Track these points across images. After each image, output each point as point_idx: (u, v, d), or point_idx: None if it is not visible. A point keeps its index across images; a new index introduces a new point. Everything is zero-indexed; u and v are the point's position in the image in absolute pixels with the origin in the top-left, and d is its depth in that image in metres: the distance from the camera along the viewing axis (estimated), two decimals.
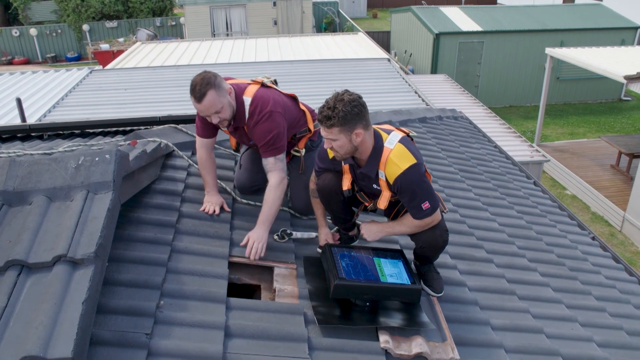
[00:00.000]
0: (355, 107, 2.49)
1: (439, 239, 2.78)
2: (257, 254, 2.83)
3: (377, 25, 32.12)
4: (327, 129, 2.54)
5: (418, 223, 2.72)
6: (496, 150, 6.05)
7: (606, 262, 4.28)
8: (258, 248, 2.83)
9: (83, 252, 1.99)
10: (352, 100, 2.49)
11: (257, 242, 2.84)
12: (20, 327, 1.74)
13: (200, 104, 2.87)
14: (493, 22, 17.96)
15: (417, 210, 2.67)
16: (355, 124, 2.51)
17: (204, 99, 2.84)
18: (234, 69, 11.30)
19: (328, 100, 2.53)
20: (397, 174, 2.59)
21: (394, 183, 2.63)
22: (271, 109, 2.98)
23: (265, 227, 2.91)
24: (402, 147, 2.63)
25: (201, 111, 2.95)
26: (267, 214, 2.94)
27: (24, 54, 26.27)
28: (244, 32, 23.02)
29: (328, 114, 2.49)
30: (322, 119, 2.53)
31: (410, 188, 2.61)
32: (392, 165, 2.61)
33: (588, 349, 3.05)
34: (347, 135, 2.53)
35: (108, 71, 11.88)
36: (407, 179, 2.59)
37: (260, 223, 2.92)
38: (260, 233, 2.88)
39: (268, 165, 3.03)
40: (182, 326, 2.26)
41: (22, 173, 2.31)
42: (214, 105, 2.87)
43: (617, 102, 18.55)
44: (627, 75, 10.11)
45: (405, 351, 2.47)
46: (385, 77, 10.76)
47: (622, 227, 10.50)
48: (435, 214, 2.69)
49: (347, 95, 2.51)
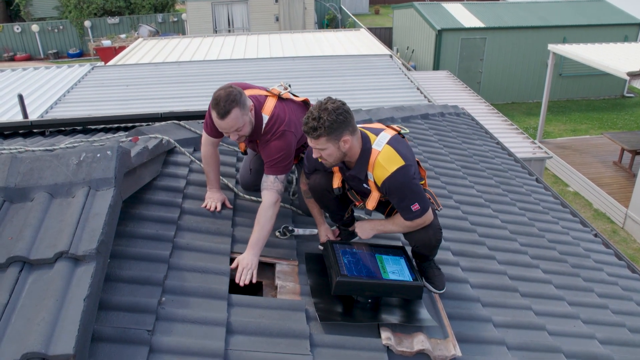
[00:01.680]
0: (341, 115, 2.46)
1: (431, 239, 2.77)
2: (245, 280, 2.69)
3: (379, 21, 32.06)
4: (314, 139, 2.50)
5: (409, 224, 2.71)
6: (498, 147, 6.03)
7: (609, 259, 4.27)
8: (247, 275, 2.70)
9: (85, 248, 1.99)
10: (337, 109, 2.46)
11: (247, 270, 2.70)
12: (21, 324, 1.74)
13: (222, 120, 2.75)
14: (495, 18, 17.92)
15: (407, 212, 2.65)
16: (342, 131, 2.49)
17: (228, 117, 2.73)
18: (235, 66, 11.30)
19: (312, 111, 2.49)
20: (385, 177, 2.58)
21: (382, 185, 2.62)
22: (285, 129, 2.94)
23: (255, 250, 2.77)
24: (390, 149, 2.60)
25: (221, 128, 2.83)
26: (257, 237, 2.80)
27: (26, 50, 26.28)
28: (245, 28, 22.99)
29: (314, 124, 2.45)
30: (308, 131, 2.49)
31: (399, 190, 2.60)
32: (379, 168, 2.59)
33: (590, 346, 3.04)
34: (334, 143, 2.51)
35: (110, 67, 11.89)
36: (395, 181, 2.57)
37: (250, 247, 2.77)
38: (250, 258, 2.73)
39: (267, 182, 2.96)
40: (183, 323, 2.26)
41: (23, 169, 2.31)
42: (236, 124, 2.78)
43: (619, 99, 18.51)
44: (630, 72, 10.08)
45: (407, 348, 2.47)
46: (387, 73, 10.74)
47: (625, 224, 10.48)
48: (426, 215, 2.67)
49: (330, 103, 2.48)
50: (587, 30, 17.31)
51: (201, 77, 10.35)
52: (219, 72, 10.71)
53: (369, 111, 5.50)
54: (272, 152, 2.95)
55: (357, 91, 9.25)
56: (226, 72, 10.62)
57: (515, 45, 17.49)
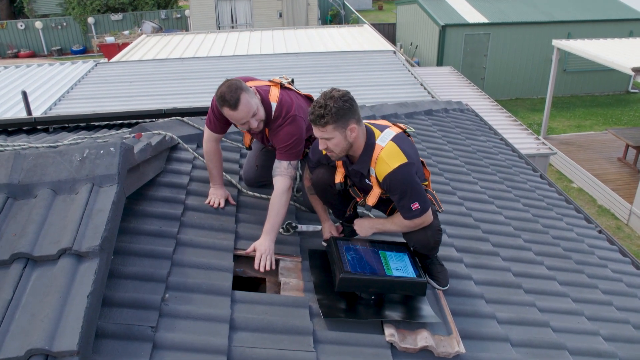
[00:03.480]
0: (347, 102, 2.47)
1: (430, 240, 2.75)
2: (265, 266, 2.73)
3: (383, 17, 31.98)
4: (321, 128, 2.50)
5: (408, 223, 2.69)
6: (502, 143, 6.01)
7: (613, 256, 4.25)
8: (266, 261, 2.74)
9: (88, 245, 1.99)
10: (343, 95, 2.47)
11: (265, 255, 2.74)
12: (25, 320, 1.74)
13: (236, 110, 2.75)
14: (499, 13, 17.84)
15: (406, 211, 2.64)
16: (348, 118, 2.49)
17: (240, 104, 2.73)
18: (239, 62, 11.29)
19: (318, 100, 2.49)
20: (387, 173, 2.57)
21: (383, 181, 2.61)
22: (295, 113, 2.94)
23: (271, 236, 2.80)
24: (394, 146, 2.60)
25: (239, 119, 2.81)
26: (273, 223, 2.83)
27: (30, 47, 26.33)
28: (249, 24, 22.97)
29: (320, 112, 2.45)
30: (314, 119, 2.49)
31: (400, 187, 2.59)
32: (382, 164, 2.59)
33: (594, 342, 3.03)
34: (341, 131, 2.51)
35: (113, 64, 11.90)
36: (396, 178, 2.56)
37: (266, 232, 2.81)
38: (267, 244, 2.77)
39: (280, 168, 2.95)
40: (187, 319, 2.26)
41: (27, 166, 2.31)
42: (250, 108, 2.77)
43: (624, 95, 18.42)
44: (635, 67, 10.03)
45: (411, 344, 2.46)
46: (391, 69, 10.72)
47: (629, 220, 10.44)
48: (425, 215, 2.65)
49: (335, 91, 2.48)
50: (592, 25, 17.20)
51: (204, 74, 10.35)
52: (222, 68, 10.71)
53: (373, 107, 5.49)
54: (284, 138, 2.94)
55: (360, 87, 9.22)
56: (229, 68, 10.61)
57: (519, 40, 17.41)
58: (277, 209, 2.86)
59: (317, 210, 3.13)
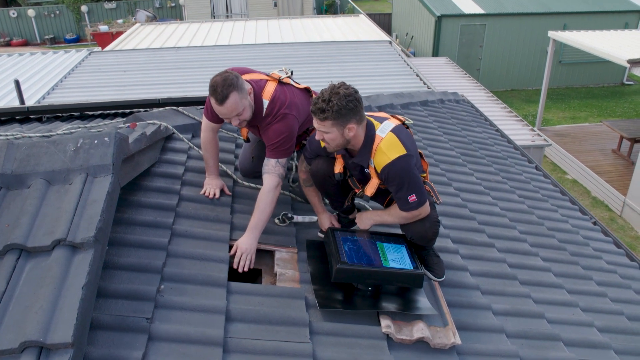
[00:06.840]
0: (351, 102, 2.45)
1: (428, 231, 2.75)
2: (244, 266, 2.70)
3: (379, 7, 31.82)
4: (320, 121, 2.50)
5: (405, 215, 2.69)
6: (498, 134, 6.01)
7: (607, 247, 4.27)
8: (246, 260, 2.70)
9: (82, 236, 1.97)
10: (348, 95, 2.45)
11: (245, 254, 2.70)
12: (19, 312, 1.72)
13: (222, 106, 2.73)
14: (495, 4, 17.78)
15: (404, 202, 2.64)
16: (349, 118, 2.48)
17: (227, 101, 2.71)
18: (234, 51, 11.22)
19: (324, 92, 2.48)
20: (385, 163, 2.57)
21: (382, 172, 2.61)
22: (286, 111, 2.91)
23: (254, 234, 2.76)
24: (393, 137, 2.59)
25: (222, 114, 2.81)
26: (257, 220, 2.80)
27: (22, 35, 26.05)
28: (244, 13, 22.82)
29: (322, 106, 2.45)
30: (315, 111, 2.48)
31: (397, 179, 2.58)
32: (380, 154, 2.58)
33: (589, 334, 3.05)
34: (339, 129, 2.50)
35: (107, 53, 11.79)
36: (394, 169, 2.56)
37: (250, 230, 2.78)
38: (249, 242, 2.73)
39: (268, 166, 2.94)
40: (182, 310, 2.25)
41: (20, 156, 2.29)
42: (236, 108, 2.75)
43: (619, 87, 18.45)
44: (630, 59, 10.03)
45: (407, 336, 2.47)
46: (386, 59, 10.68)
47: (622, 212, 10.50)
48: (423, 207, 2.66)
49: (343, 88, 2.46)
50: (588, 17, 17.19)
51: (199, 63, 10.28)
52: (217, 57, 10.64)
53: (368, 97, 5.47)
54: (273, 136, 2.92)
55: (356, 77, 9.18)
56: (224, 57, 10.54)
57: (515, 32, 17.38)
58: (263, 206, 2.84)
59: (313, 203, 3.11)
